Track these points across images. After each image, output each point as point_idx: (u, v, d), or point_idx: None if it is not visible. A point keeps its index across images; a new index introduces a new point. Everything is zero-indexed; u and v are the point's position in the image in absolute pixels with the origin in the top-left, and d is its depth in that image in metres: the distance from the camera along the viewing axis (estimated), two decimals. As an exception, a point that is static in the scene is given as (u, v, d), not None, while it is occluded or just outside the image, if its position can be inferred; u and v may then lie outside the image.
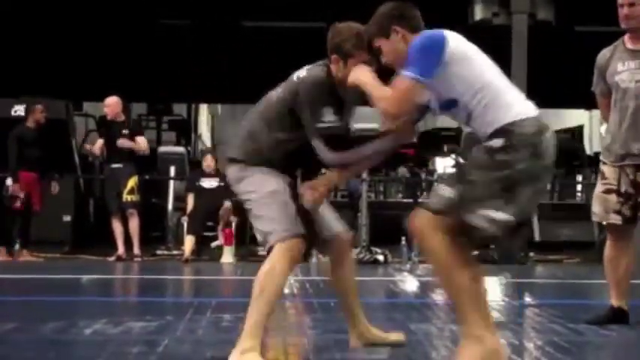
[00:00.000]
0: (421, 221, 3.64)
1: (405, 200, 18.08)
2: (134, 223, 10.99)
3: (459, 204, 3.61)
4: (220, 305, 6.15)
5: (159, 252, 11.68)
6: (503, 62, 12.85)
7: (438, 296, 8.02)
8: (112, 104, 11.11)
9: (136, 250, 11.01)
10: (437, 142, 15.41)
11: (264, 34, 14.91)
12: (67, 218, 11.90)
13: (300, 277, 9.09)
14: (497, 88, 3.78)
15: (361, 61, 4.00)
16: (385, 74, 3.91)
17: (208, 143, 23.02)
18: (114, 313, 5.83)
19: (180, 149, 13.48)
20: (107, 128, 11.39)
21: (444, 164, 18.43)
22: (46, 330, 5.15)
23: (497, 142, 3.66)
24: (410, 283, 8.95)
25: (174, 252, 11.51)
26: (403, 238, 10.98)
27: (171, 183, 12.21)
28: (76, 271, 9.14)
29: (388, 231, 11.25)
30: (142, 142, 11.11)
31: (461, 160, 12.20)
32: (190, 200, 11.49)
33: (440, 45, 3.68)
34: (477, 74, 3.75)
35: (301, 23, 14.99)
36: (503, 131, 3.65)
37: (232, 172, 4.18)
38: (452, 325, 5.65)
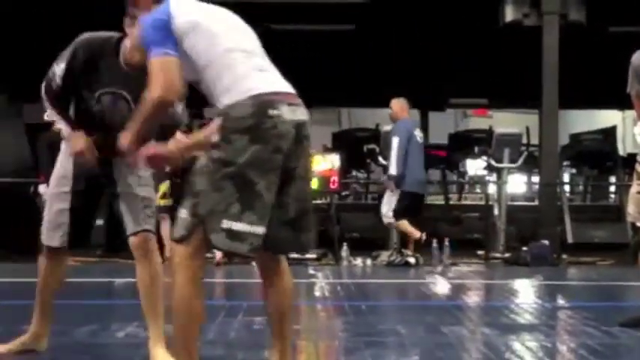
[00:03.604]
0: (173, 255, 3.34)
1: (436, 202, 18.06)
2: (166, 227, 11.04)
3: (196, 222, 3.24)
4: (252, 308, 6.16)
5: (190, 255, 11.70)
6: (535, 64, 12.72)
7: (470, 298, 7.99)
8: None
9: (168, 253, 11.05)
10: (467, 143, 15.33)
11: (293, 37, 14.92)
12: (100, 222, 11.96)
13: (331, 279, 9.10)
14: (228, 62, 3.29)
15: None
16: None
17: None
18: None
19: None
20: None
21: (475, 166, 18.38)
22: (80, 333, 5.19)
23: (213, 137, 3.23)
24: (441, 286, 8.91)
25: (207, 255, 11.52)
26: (434, 241, 10.95)
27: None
28: (108, 275, 9.19)
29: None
30: None
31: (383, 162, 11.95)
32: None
33: (162, 18, 3.31)
34: (204, 47, 3.30)
35: (330, 26, 15.01)
36: (221, 115, 3.24)
37: None
38: (484, 328, 5.63)
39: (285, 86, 3.37)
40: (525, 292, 8.68)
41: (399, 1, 13.97)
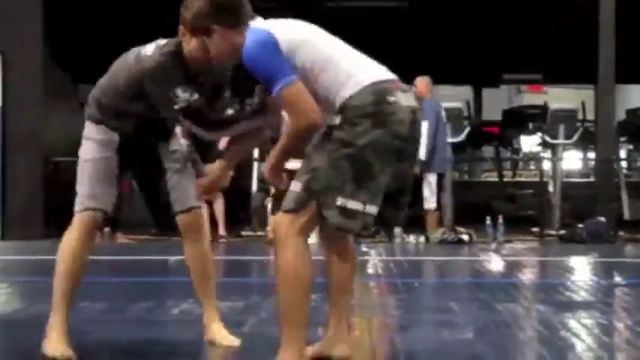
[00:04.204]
0: (279, 226, 3.36)
1: (490, 179, 17.94)
2: (219, 206, 11.12)
3: (308, 197, 3.32)
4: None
5: (244, 233, 11.79)
6: (591, 37, 12.48)
7: (525, 276, 7.93)
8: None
9: (222, 231, 11.14)
10: (522, 120, 15.17)
11: (347, 14, 14.88)
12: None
13: (384, 257, 9.09)
14: (338, 62, 3.38)
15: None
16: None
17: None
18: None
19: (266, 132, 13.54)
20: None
21: (529, 143, 18.20)
22: (136, 310, 5.26)
23: (334, 120, 3.33)
24: (495, 263, 8.86)
25: (259, 233, 11.60)
26: (488, 218, 10.88)
27: (255, 164, 12.30)
28: (163, 252, 9.29)
29: (473, 210, 11.16)
30: None
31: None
32: (274, 181, 11.55)
33: (272, 42, 3.31)
34: (313, 58, 3.36)
35: (384, 3, 14.93)
36: (341, 107, 3.32)
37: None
38: (539, 305, 5.58)
39: (390, 74, 3.45)
40: (581, 269, 8.59)
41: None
